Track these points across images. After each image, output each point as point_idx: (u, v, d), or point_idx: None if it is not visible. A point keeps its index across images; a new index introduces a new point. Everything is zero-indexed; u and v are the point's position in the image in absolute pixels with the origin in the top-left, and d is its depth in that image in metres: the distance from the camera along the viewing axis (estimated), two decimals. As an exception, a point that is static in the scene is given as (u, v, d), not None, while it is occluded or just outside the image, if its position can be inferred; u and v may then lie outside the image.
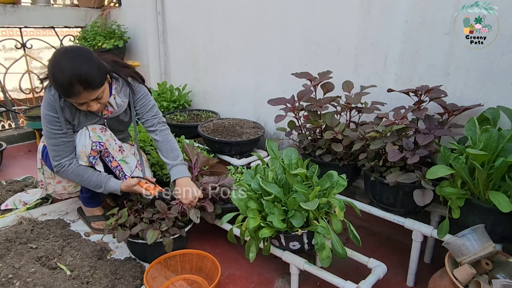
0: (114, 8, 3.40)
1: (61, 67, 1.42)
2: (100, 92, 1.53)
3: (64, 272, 1.52)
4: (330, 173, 1.42)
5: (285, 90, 2.31)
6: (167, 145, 1.79)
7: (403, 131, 1.56)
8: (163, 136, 1.81)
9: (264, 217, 1.36)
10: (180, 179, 1.73)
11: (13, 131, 3.22)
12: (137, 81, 1.79)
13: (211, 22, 2.73)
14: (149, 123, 1.80)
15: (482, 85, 1.56)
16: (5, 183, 2.34)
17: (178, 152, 1.82)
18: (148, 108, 1.81)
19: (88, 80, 1.44)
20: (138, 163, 1.86)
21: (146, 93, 1.82)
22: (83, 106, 1.56)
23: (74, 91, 1.44)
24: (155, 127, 1.80)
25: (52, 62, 1.45)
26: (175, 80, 3.25)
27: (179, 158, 1.80)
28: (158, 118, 1.83)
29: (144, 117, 1.80)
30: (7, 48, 6.20)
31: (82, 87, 1.44)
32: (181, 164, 1.79)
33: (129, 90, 1.75)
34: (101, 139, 1.68)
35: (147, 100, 1.81)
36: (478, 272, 1.21)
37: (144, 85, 1.84)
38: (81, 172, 1.68)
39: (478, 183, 1.31)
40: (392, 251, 1.81)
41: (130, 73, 1.77)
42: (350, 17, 1.92)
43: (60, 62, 1.43)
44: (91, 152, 1.66)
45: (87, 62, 1.45)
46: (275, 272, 1.66)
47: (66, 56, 1.45)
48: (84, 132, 1.67)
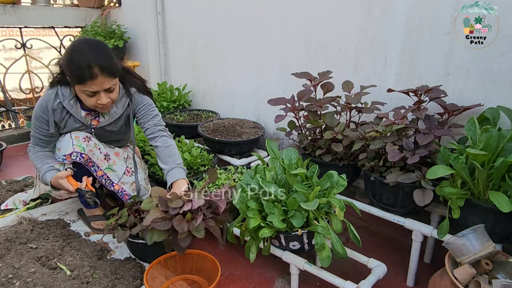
0: (114, 8, 3.40)
1: (81, 50, 1.47)
2: (113, 83, 1.54)
3: (64, 272, 1.52)
4: (330, 173, 1.42)
5: (285, 90, 2.31)
6: (166, 151, 1.73)
7: (403, 131, 1.56)
8: (163, 142, 1.75)
9: (264, 217, 1.36)
10: (175, 183, 1.63)
11: (13, 131, 3.22)
12: (141, 93, 1.77)
13: (211, 22, 2.73)
14: (150, 131, 1.76)
15: (482, 85, 1.56)
16: (5, 183, 2.34)
17: (176, 157, 1.74)
18: (150, 116, 1.78)
19: (106, 65, 1.48)
20: (127, 169, 1.84)
21: (150, 103, 1.79)
22: (93, 98, 1.54)
23: (92, 73, 1.45)
24: (156, 134, 1.76)
25: (72, 46, 1.50)
26: (175, 80, 3.26)
27: (177, 162, 1.72)
28: (160, 126, 1.79)
29: (146, 126, 1.77)
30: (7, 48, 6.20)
31: (100, 70, 1.46)
32: (178, 167, 1.70)
33: (128, 101, 1.73)
34: (84, 150, 1.67)
35: (150, 109, 1.78)
36: (478, 272, 1.21)
37: (152, 98, 1.82)
38: (34, 158, 1.70)
39: (478, 183, 1.31)
40: (392, 251, 1.81)
41: (137, 84, 1.76)
42: (350, 17, 1.92)
43: (80, 46, 1.49)
44: (66, 156, 1.65)
45: (106, 50, 1.53)
46: (275, 272, 1.67)
47: (86, 42, 1.51)
48: (68, 139, 1.67)
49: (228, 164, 2.22)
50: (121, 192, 1.80)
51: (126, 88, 1.72)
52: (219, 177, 1.96)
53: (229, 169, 2.10)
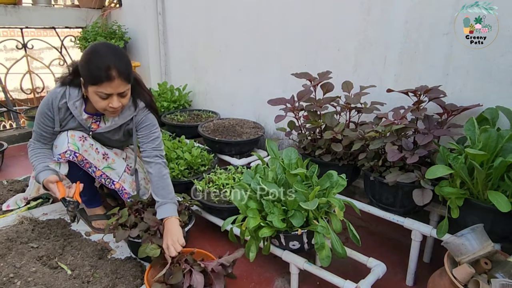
0: (115, 9, 3.41)
1: (101, 53, 1.50)
2: (127, 88, 1.56)
3: (65, 272, 1.52)
4: (329, 173, 1.42)
5: (285, 90, 2.31)
6: (159, 182, 1.67)
7: (403, 131, 1.57)
8: (157, 170, 1.69)
9: (264, 217, 1.36)
10: (167, 221, 1.56)
11: (14, 131, 3.23)
12: (147, 109, 1.74)
13: (211, 22, 2.74)
14: (147, 154, 1.71)
15: (481, 85, 1.56)
16: (6, 183, 2.34)
17: (169, 189, 1.68)
18: (150, 138, 1.73)
19: (124, 69, 1.50)
20: (127, 167, 1.84)
21: (153, 124, 1.74)
22: (105, 101, 1.53)
23: (110, 75, 1.47)
24: (151, 159, 1.70)
25: (91, 48, 1.52)
26: (176, 80, 3.26)
27: (170, 196, 1.65)
28: (158, 152, 1.73)
29: (144, 147, 1.73)
30: (8, 48, 6.22)
31: (118, 73, 1.48)
32: (171, 202, 1.64)
33: (132, 115, 1.71)
34: (78, 150, 1.67)
35: (151, 131, 1.74)
36: (477, 271, 1.21)
37: (157, 117, 1.79)
38: (33, 155, 1.69)
39: (477, 183, 1.31)
40: (392, 251, 1.82)
41: (145, 97, 1.73)
42: (350, 17, 1.93)
43: (99, 48, 1.51)
44: (61, 155, 1.65)
45: (125, 55, 1.57)
46: (275, 271, 1.67)
47: (107, 45, 1.54)
48: (64, 137, 1.67)
49: (228, 164, 2.22)
50: (121, 190, 1.80)
51: (134, 100, 1.70)
52: (219, 177, 1.97)
53: (229, 169, 2.11)
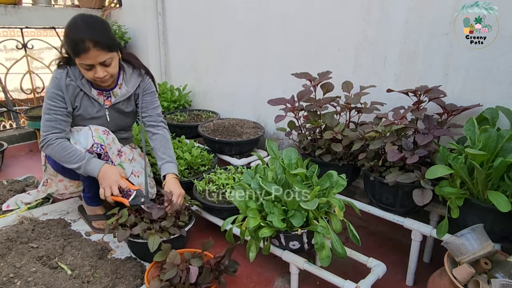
0: (115, 9, 3.41)
1: (77, 24, 1.53)
2: (108, 56, 1.58)
3: (65, 272, 1.52)
4: (329, 173, 1.42)
5: (285, 90, 2.31)
6: (166, 143, 1.84)
7: (403, 131, 1.57)
8: (164, 133, 1.86)
9: (264, 217, 1.36)
10: (170, 178, 1.74)
11: (14, 131, 3.23)
12: (149, 78, 1.85)
13: (211, 22, 2.74)
14: (153, 119, 1.84)
15: (481, 85, 1.56)
16: (6, 183, 2.35)
17: (173, 152, 1.86)
18: (155, 105, 1.86)
19: (98, 39, 1.52)
20: (133, 171, 1.86)
21: (155, 92, 1.88)
22: (90, 72, 1.59)
23: (84, 47, 1.50)
24: (158, 123, 1.85)
25: (70, 21, 1.56)
26: (176, 80, 3.26)
27: (174, 158, 1.84)
28: (162, 118, 1.88)
29: (148, 113, 1.84)
30: (8, 48, 6.21)
31: (92, 43, 1.50)
32: (174, 162, 1.82)
33: (139, 81, 1.80)
34: (103, 142, 1.70)
35: (154, 98, 1.87)
36: (477, 271, 1.21)
37: (155, 85, 1.90)
38: (67, 146, 1.63)
39: (477, 183, 1.31)
40: (392, 251, 1.82)
41: (143, 66, 1.83)
42: (350, 17, 1.93)
43: (76, 20, 1.55)
44: (89, 149, 1.67)
45: (101, 24, 1.58)
46: (275, 271, 1.67)
47: (81, 17, 1.57)
48: (87, 132, 1.68)
49: (228, 164, 2.22)
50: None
51: (136, 69, 1.80)
52: (219, 177, 1.97)
53: (229, 169, 2.11)
